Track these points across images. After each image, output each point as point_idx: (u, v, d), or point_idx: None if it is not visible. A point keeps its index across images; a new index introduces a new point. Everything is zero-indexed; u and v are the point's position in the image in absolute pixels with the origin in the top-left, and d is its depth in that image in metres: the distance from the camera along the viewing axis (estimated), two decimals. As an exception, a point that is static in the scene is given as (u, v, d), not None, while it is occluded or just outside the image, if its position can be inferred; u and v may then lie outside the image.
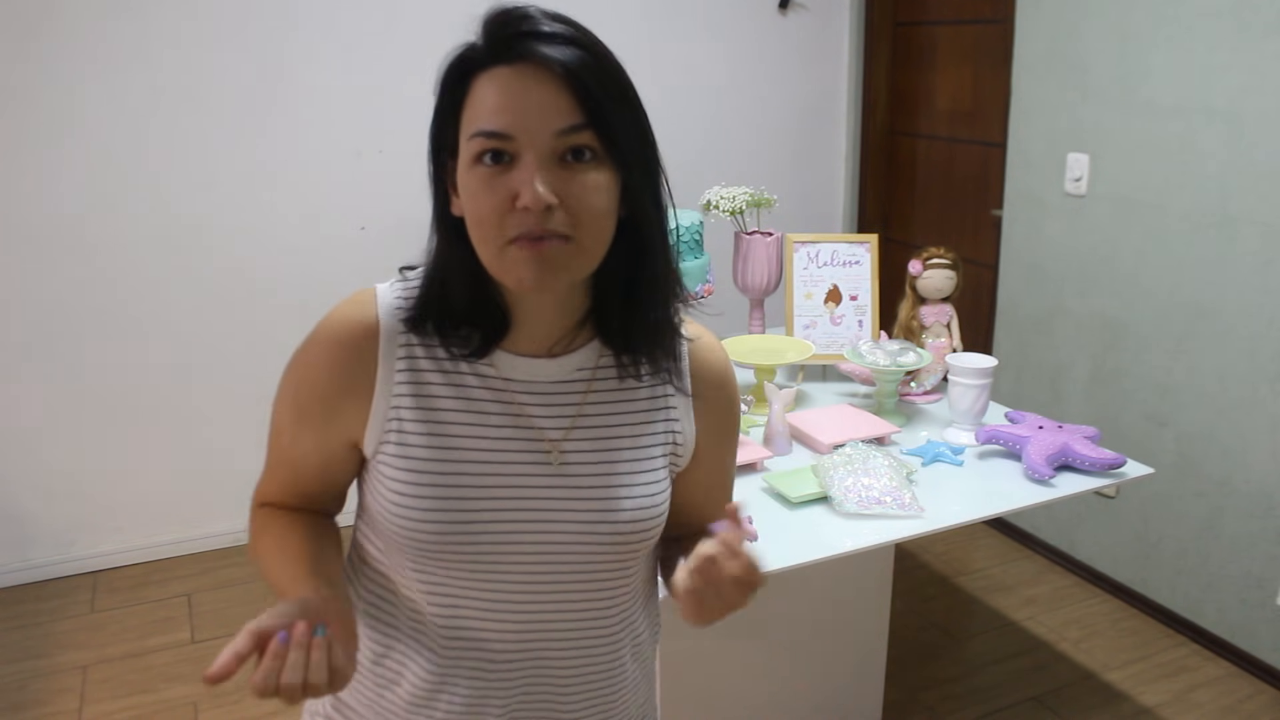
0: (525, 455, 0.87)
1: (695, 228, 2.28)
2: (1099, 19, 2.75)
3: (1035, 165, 3.03)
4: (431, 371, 0.87)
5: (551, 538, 0.87)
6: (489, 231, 0.79)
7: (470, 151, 0.79)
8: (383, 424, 0.87)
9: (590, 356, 0.90)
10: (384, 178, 3.09)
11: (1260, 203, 2.40)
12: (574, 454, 0.88)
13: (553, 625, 0.90)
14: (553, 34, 0.78)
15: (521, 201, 0.76)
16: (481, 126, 0.78)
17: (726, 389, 0.97)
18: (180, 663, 2.61)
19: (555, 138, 0.77)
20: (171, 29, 2.83)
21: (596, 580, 0.90)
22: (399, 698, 0.92)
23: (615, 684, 0.96)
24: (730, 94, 3.62)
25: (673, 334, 0.91)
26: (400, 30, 3.05)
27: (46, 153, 2.79)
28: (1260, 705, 2.44)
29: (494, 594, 0.88)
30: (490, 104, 0.78)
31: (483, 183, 0.78)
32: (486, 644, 0.90)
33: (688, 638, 1.90)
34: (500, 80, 0.78)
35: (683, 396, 0.93)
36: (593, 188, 0.79)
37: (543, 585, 0.88)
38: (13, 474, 2.94)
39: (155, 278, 2.95)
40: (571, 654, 0.92)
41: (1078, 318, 2.95)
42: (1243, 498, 2.53)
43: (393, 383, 0.86)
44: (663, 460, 0.92)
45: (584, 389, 0.90)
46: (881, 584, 2.26)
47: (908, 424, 2.04)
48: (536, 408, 0.88)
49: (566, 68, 0.77)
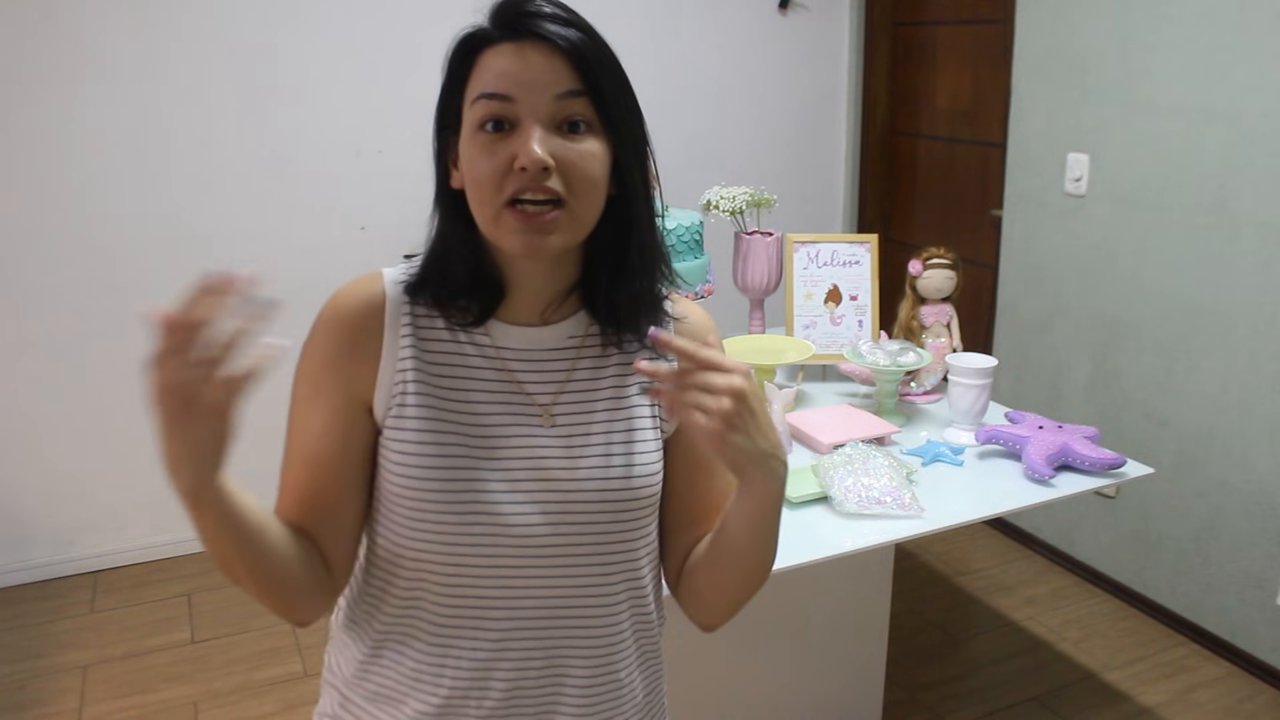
0: (519, 419, 0.91)
1: (695, 228, 2.28)
2: (1099, 19, 2.75)
3: (1035, 165, 3.03)
4: (433, 340, 0.92)
5: (546, 497, 0.90)
6: (487, 194, 0.84)
7: (473, 117, 0.85)
8: (389, 389, 0.91)
9: (580, 324, 0.95)
10: (384, 178, 3.09)
11: (1260, 203, 2.40)
12: (563, 415, 0.92)
13: (551, 590, 0.91)
14: (554, 14, 0.85)
15: (519, 162, 0.82)
16: (485, 89, 0.84)
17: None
18: (180, 663, 2.61)
19: (554, 101, 0.83)
20: (171, 28, 2.83)
21: (593, 544, 0.91)
22: (401, 676, 0.93)
23: (619, 659, 0.96)
24: (730, 94, 3.62)
25: (656, 307, 0.95)
26: (400, 30, 3.05)
27: (48, 153, 2.79)
28: (1260, 705, 2.44)
29: (491, 559, 0.89)
30: (494, 70, 0.84)
31: (483, 148, 0.84)
32: (487, 614, 0.91)
33: (688, 638, 1.90)
34: (505, 52, 0.84)
35: (667, 366, 0.94)
36: (588, 154, 0.85)
37: (540, 549, 0.90)
38: (13, 474, 2.94)
39: (155, 277, 2.95)
40: (572, 623, 0.93)
41: (1078, 318, 2.95)
42: (1243, 498, 2.53)
43: (398, 349, 0.91)
44: (651, 422, 0.95)
45: (573, 355, 0.94)
46: (881, 584, 2.26)
47: (908, 424, 2.04)
48: (528, 374, 0.93)
49: (568, 41, 0.84)
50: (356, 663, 0.95)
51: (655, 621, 1.01)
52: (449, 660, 0.91)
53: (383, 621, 0.94)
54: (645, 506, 0.94)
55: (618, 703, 0.97)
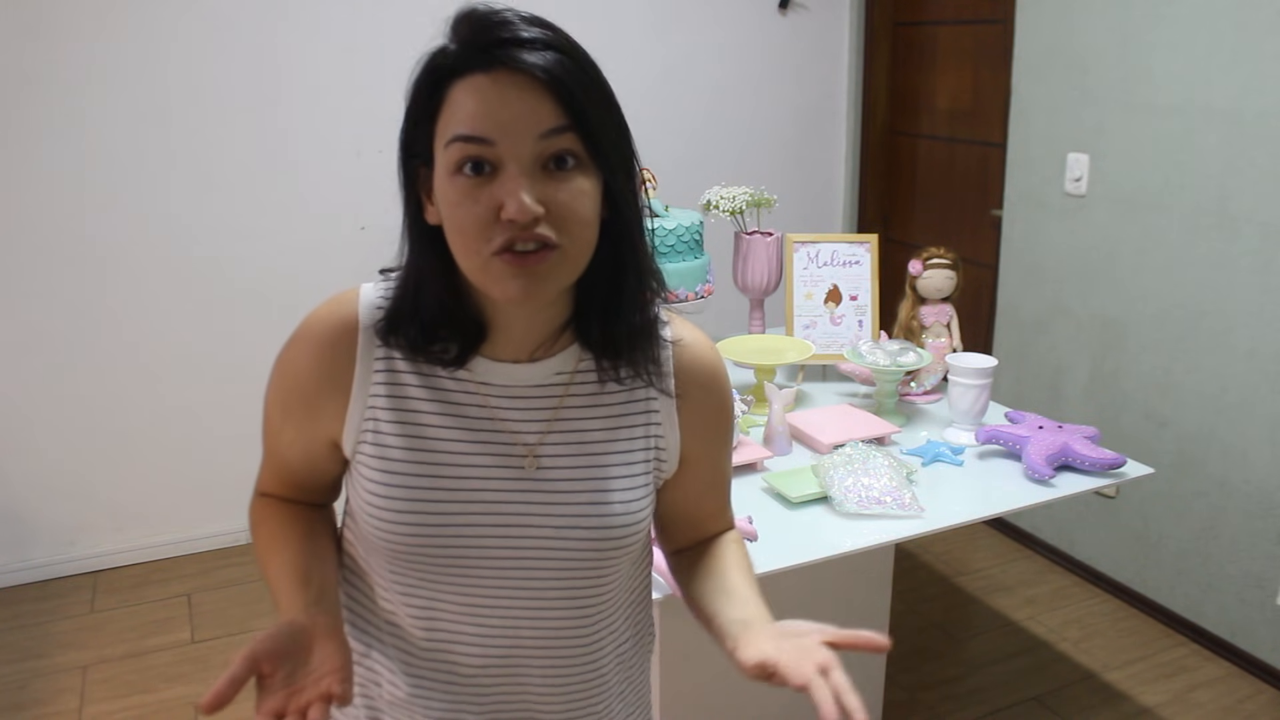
0: (500, 460, 0.86)
1: (695, 228, 2.28)
2: (1099, 19, 2.75)
3: (1035, 165, 3.03)
4: (408, 373, 0.86)
5: (525, 544, 0.86)
6: (472, 244, 0.77)
7: (449, 159, 0.77)
8: (359, 424, 0.87)
9: (569, 360, 0.88)
10: (384, 178, 3.06)
11: (1260, 203, 2.40)
12: (549, 459, 0.87)
13: (528, 634, 0.89)
14: (531, 39, 0.76)
15: (507, 214, 0.74)
16: (460, 131, 0.76)
17: (715, 391, 0.94)
18: (180, 663, 2.61)
19: (538, 141, 0.76)
20: (171, 28, 2.83)
21: (572, 588, 0.88)
22: (381, 697, 0.93)
23: (597, 695, 0.95)
24: (730, 94, 3.62)
25: (653, 336, 0.89)
26: (400, 30, 3.04)
27: (49, 153, 2.78)
28: (1260, 705, 2.44)
29: (468, 601, 0.87)
30: (469, 109, 0.76)
31: (464, 194, 0.76)
32: (462, 653, 0.89)
33: (688, 639, 1.90)
34: (479, 87, 0.76)
35: (666, 399, 0.91)
36: (578, 193, 0.78)
37: (517, 592, 0.87)
38: (13, 474, 2.94)
39: (155, 277, 2.96)
40: (548, 664, 0.91)
41: (1077, 318, 2.95)
42: (1243, 498, 2.52)
43: (370, 383, 0.86)
44: (643, 467, 0.90)
45: (561, 393, 0.88)
46: (881, 584, 2.26)
47: (908, 424, 2.04)
48: (512, 412, 0.87)
49: (548, 73, 0.75)
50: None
51: (634, 651, 1.00)
52: (422, 693, 0.91)
53: (361, 639, 0.95)
54: (628, 549, 0.90)
55: None
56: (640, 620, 1.01)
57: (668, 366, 0.91)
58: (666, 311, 0.93)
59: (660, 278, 0.89)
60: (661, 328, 0.91)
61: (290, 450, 0.91)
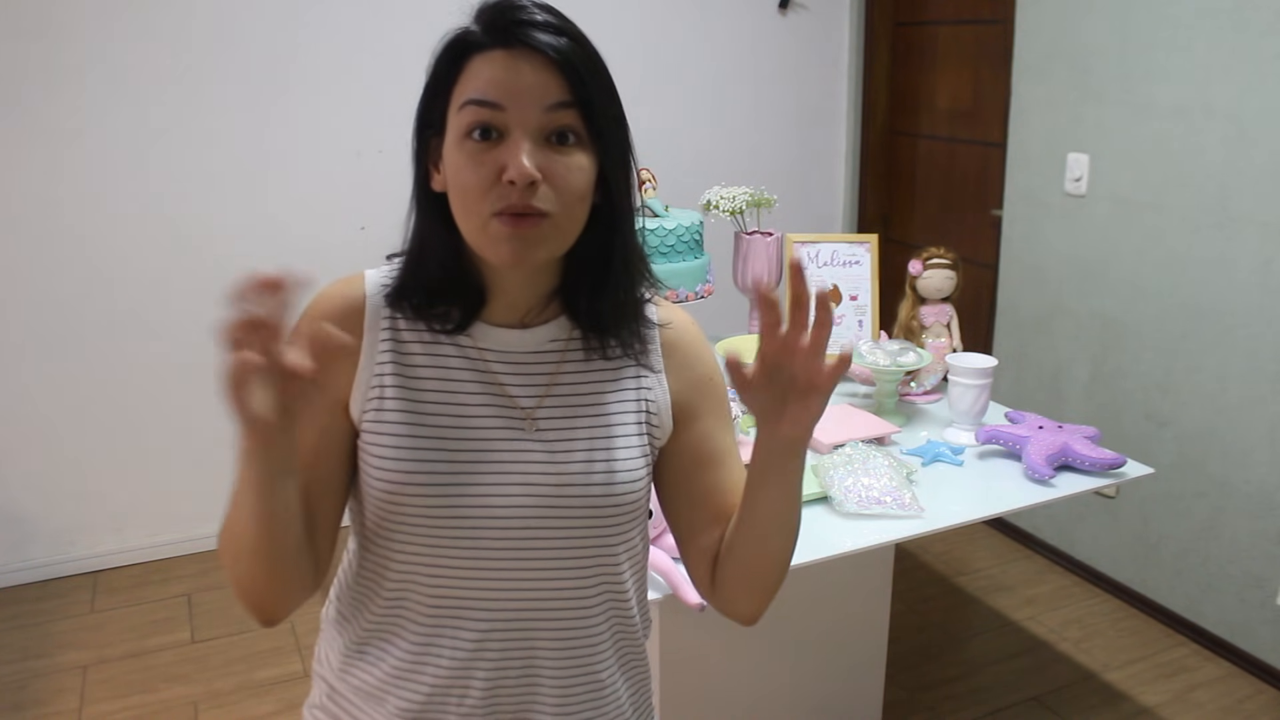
0: (500, 422, 0.91)
1: (695, 228, 2.28)
2: (1099, 19, 2.75)
3: (1035, 165, 3.03)
4: (413, 343, 0.92)
5: (528, 502, 0.89)
6: (473, 204, 0.83)
7: (460, 123, 0.84)
8: (366, 390, 0.91)
9: (562, 329, 0.95)
10: (384, 178, 3.09)
11: (1260, 203, 2.40)
12: (547, 421, 0.92)
13: (531, 595, 0.91)
14: (545, 23, 0.84)
15: (508, 175, 0.81)
16: (474, 95, 0.83)
17: (701, 365, 0.99)
18: (180, 663, 2.61)
19: (544, 112, 0.83)
20: (171, 28, 2.83)
21: (573, 546, 0.91)
22: (384, 673, 0.93)
23: (596, 658, 0.96)
24: (731, 94, 3.62)
25: (638, 316, 0.95)
26: (400, 30, 3.05)
27: (48, 152, 2.79)
28: (1260, 705, 2.44)
29: (473, 561, 0.89)
30: (485, 77, 0.83)
31: (470, 157, 0.83)
32: (468, 613, 0.91)
33: (688, 638, 1.90)
34: (495, 59, 0.83)
35: (653, 373, 0.96)
36: (574, 168, 0.84)
37: (521, 553, 0.90)
38: (13, 474, 2.94)
39: (155, 277, 2.96)
40: (551, 626, 0.93)
41: (1077, 318, 2.95)
42: (1243, 498, 2.53)
43: (376, 351, 0.91)
44: (637, 428, 0.95)
45: (557, 359, 0.94)
46: (881, 584, 2.26)
47: (908, 424, 2.04)
48: (511, 377, 0.92)
49: (560, 53, 0.83)
50: (342, 656, 0.96)
51: (638, 625, 1.01)
52: (429, 658, 0.92)
53: (369, 618, 0.94)
54: (627, 511, 0.93)
55: (600, 703, 0.97)
56: (639, 598, 1.02)
57: (654, 345, 0.97)
58: (656, 296, 0.99)
59: (648, 265, 0.96)
60: (648, 310, 0.97)
61: (300, 431, 0.90)
